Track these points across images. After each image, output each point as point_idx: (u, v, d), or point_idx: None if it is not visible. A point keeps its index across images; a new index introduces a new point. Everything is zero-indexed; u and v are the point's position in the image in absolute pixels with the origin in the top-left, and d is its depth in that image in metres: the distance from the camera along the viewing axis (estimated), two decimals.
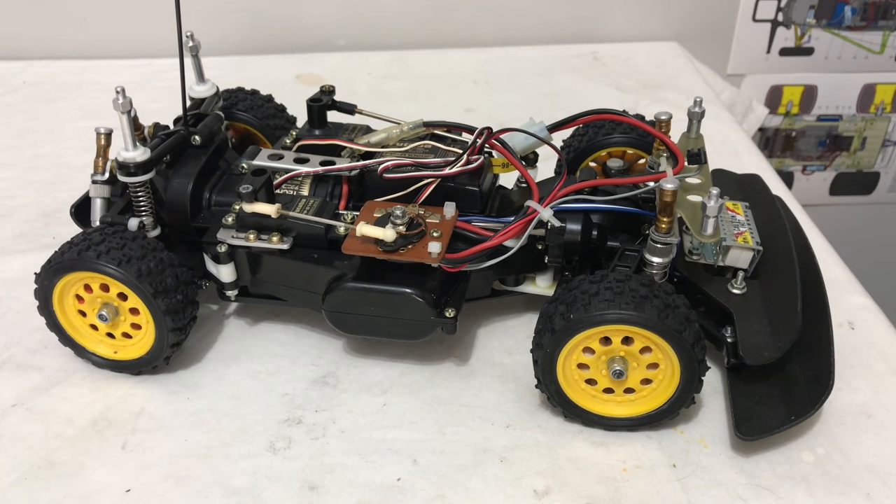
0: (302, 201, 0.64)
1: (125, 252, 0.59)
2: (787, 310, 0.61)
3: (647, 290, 0.55)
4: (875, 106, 1.31)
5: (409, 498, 0.56)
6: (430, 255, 0.58)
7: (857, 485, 0.56)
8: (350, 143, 0.67)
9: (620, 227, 0.64)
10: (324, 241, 0.63)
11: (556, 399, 0.59)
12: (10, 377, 0.65)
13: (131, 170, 0.62)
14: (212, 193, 0.66)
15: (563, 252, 0.62)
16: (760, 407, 0.59)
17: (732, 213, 0.65)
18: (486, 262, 0.60)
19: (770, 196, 0.73)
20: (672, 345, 0.55)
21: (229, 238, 0.63)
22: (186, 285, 0.62)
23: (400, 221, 0.59)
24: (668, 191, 0.56)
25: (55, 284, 0.61)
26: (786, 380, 0.60)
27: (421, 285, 0.60)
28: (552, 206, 0.60)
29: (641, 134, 0.72)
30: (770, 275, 0.63)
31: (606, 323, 0.55)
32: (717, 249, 0.62)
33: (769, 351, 0.58)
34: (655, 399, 0.58)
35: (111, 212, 0.66)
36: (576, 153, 0.74)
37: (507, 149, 0.65)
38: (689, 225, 0.59)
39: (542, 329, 0.58)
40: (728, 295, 0.62)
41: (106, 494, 0.56)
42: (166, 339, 0.62)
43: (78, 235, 0.62)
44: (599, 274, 0.57)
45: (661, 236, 0.58)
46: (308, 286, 0.63)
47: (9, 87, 1.09)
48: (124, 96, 0.60)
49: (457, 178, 0.63)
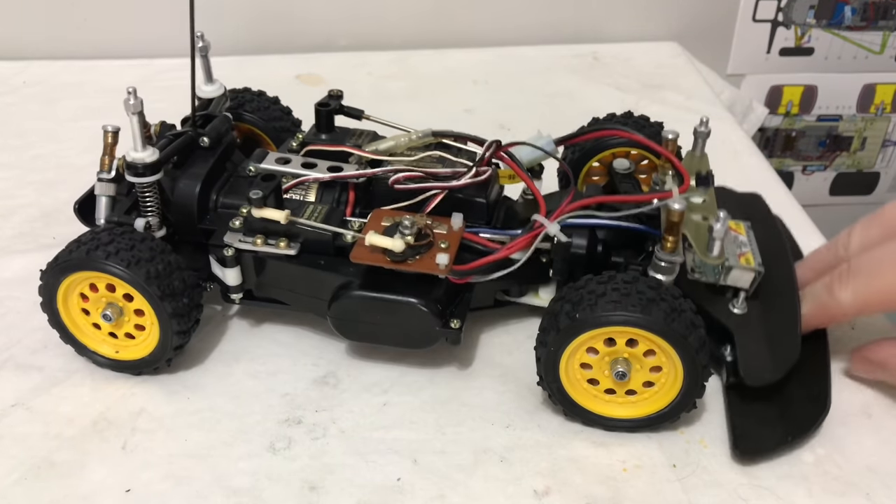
0: (310, 207, 0.64)
1: (134, 254, 0.59)
2: (787, 331, 0.61)
3: (654, 292, 0.55)
4: (875, 106, 1.31)
5: (409, 498, 0.56)
6: (439, 266, 0.58)
7: (857, 485, 0.56)
8: (358, 151, 0.67)
9: (624, 243, 0.64)
10: (331, 247, 0.62)
11: (557, 397, 0.59)
12: (10, 377, 0.65)
13: (140, 171, 0.61)
14: (219, 195, 0.66)
15: (569, 266, 0.62)
16: (758, 427, 0.59)
17: (735, 233, 0.66)
18: (492, 273, 0.60)
19: (771, 216, 0.73)
20: (676, 349, 0.55)
21: (236, 242, 0.63)
22: (193, 289, 0.62)
23: (409, 232, 0.59)
24: (675, 211, 0.56)
25: (61, 282, 0.61)
26: (783, 400, 0.61)
27: (427, 295, 0.60)
28: (559, 220, 0.60)
29: (646, 135, 0.72)
30: (770, 296, 0.64)
31: (612, 324, 0.55)
32: (720, 269, 0.62)
33: (769, 373, 0.59)
34: (657, 402, 0.58)
35: (117, 210, 0.66)
36: (581, 153, 0.74)
37: (515, 161, 0.65)
38: (695, 245, 0.59)
39: (546, 327, 0.58)
40: (729, 315, 0.62)
41: (106, 494, 0.56)
42: (170, 342, 0.62)
43: (86, 234, 0.61)
44: (607, 275, 0.57)
45: (665, 255, 0.58)
46: (314, 292, 0.63)
47: (9, 87, 1.09)
48: (136, 97, 0.60)
49: (465, 190, 0.63)
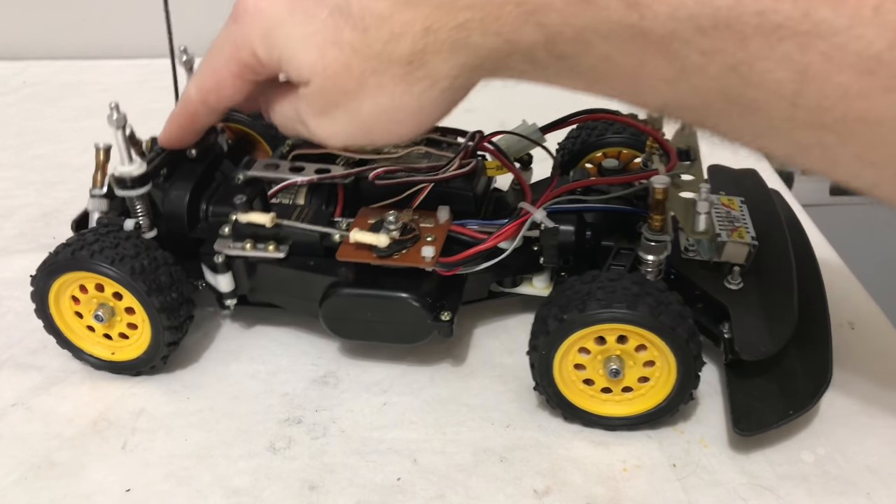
0: (297, 210, 0.65)
1: (118, 251, 0.59)
2: (783, 304, 0.61)
3: (639, 287, 0.55)
4: None
5: (409, 498, 0.56)
6: (424, 259, 0.59)
7: (857, 485, 0.56)
8: (344, 151, 0.67)
9: (614, 227, 0.64)
10: (320, 248, 0.63)
11: (555, 401, 0.59)
12: (10, 377, 0.65)
13: (128, 184, 0.62)
14: (209, 205, 0.66)
15: (558, 253, 0.62)
16: (759, 402, 0.58)
17: (728, 209, 0.65)
18: (481, 264, 0.60)
19: (766, 191, 0.72)
20: (666, 341, 0.55)
21: (226, 248, 0.63)
22: (182, 283, 0.62)
23: (393, 227, 0.60)
24: (659, 188, 0.57)
25: (51, 285, 0.61)
26: (784, 375, 0.60)
27: (416, 290, 0.60)
28: (545, 207, 0.61)
29: (635, 133, 0.72)
30: (766, 270, 0.63)
31: (600, 322, 0.55)
32: (713, 246, 0.62)
33: (765, 346, 0.58)
34: (654, 397, 0.58)
35: (108, 215, 0.66)
36: (570, 155, 0.74)
37: (499, 151, 0.66)
38: (682, 222, 0.60)
39: (536, 331, 0.58)
40: (724, 291, 0.62)
41: (106, 494, 0.56)
42: (162, 338, 0.62)
43: (72, 237, 0.62)
44: (591, 274, 0.58)
45: (653, 234, 0.59)
46: (305, 294, 0.63)
47: (9, 87, 1.09)
48: (118, 112, 0.61)
49: (450, 183, 0.64)
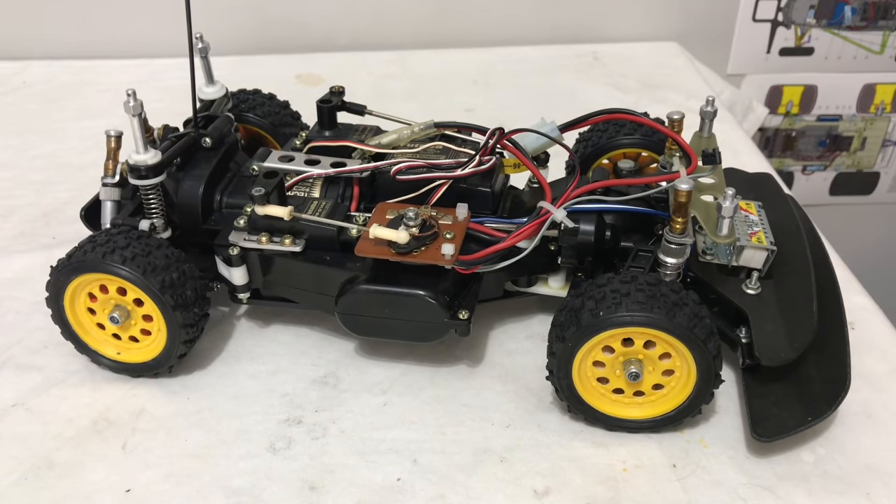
0: (314, 203, 0.64)
1: (150, 260, 0.59)
2: (802, 310, 0.60)
3: (677, 296, 0.55)
4: (875, 106, 1.31)
5: (409, 498, 0.56)
6: (444, 256, 0.58)
7: (857, 485, 0.56)
8: (361, 145, 0.67)
9: (633, 228, 0.63)
10: (336, 242, 0.62)
11: (565, 393, 0.59)
12: (10, 377, 0.65)
13: (142, 173, 0.61)
14: (223, 196, 0.66)
15: (577, 253, 0.61)
16: (777, 408, 0.58)
17: (746, 213, 0.65)
18: (499, 263, 0.59)
19: (782, 195, 0.72)
20: (694, 354, 0.55)
21: (241, 241, 0.62)
22: (203, 299, 0.63)
23: (413, 223, 0.59)
24: (682, 191, 0.56)
25: (71, 280, 0.61)
26: (801, 380, 0.60)
27: (434, 287, 0.60)
28: (565, 206, 0.59)
29: (648, 133, 0.71)
30: (784, 275, 0.63)
31: (635, 325, 0.55)
32: (731, 250, 0.61)
33: (785, 352, 0.58)
34: (663, 405, 0.58)
35: (122, 214, 0.65)
36: (586, 157, 0.73)
37: (518, 149, 0.64)
38: (704, 225, 0.59)
39: (565, 322, 0.57)
40: (742, 295, 0.61)
41: (106, 494, 0.56)
42: (176, 350, 0.62)
43: (101, 235, 0.61)
44: (630, 274, 0.57)
45: (675, 237, 0.58)
46: (320, 288, 0.63)
47: (9, 87, 1.09)
48: (135, 99, 0.60)
49: (469, 179, 0.63)
